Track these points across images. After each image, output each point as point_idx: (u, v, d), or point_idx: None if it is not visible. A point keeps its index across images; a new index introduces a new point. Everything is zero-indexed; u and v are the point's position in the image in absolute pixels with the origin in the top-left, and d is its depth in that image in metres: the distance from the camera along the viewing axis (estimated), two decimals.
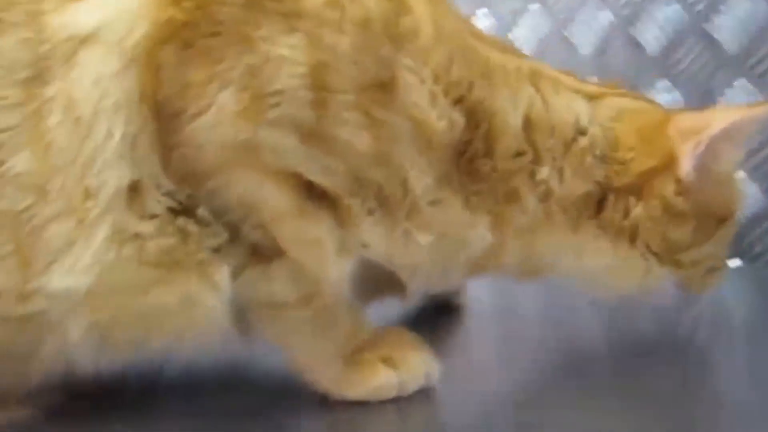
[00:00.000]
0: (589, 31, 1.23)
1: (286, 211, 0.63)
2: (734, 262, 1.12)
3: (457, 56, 0.67)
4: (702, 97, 1.13)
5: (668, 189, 0.73)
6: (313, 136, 0.61)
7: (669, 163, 0.73)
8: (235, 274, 0.64)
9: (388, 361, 0.69)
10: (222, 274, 0.64)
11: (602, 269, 0.76)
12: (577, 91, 0.74)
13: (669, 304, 0.84)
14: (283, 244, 0.64)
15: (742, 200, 0.82)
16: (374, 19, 0.63)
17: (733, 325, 0.92)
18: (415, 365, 0.69)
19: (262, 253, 0.64)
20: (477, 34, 0.72)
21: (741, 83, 1.10)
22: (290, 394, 0.69)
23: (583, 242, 0.74)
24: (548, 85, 0.72)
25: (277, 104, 0.60)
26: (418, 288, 0.74)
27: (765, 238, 1.10)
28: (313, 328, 0.67)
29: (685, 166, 0.73)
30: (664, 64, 1.17)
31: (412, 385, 0.69)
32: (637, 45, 1.19)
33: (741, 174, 1.09)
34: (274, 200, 0.63)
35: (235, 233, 0.64)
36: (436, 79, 0.65)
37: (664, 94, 1.16)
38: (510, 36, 1.31)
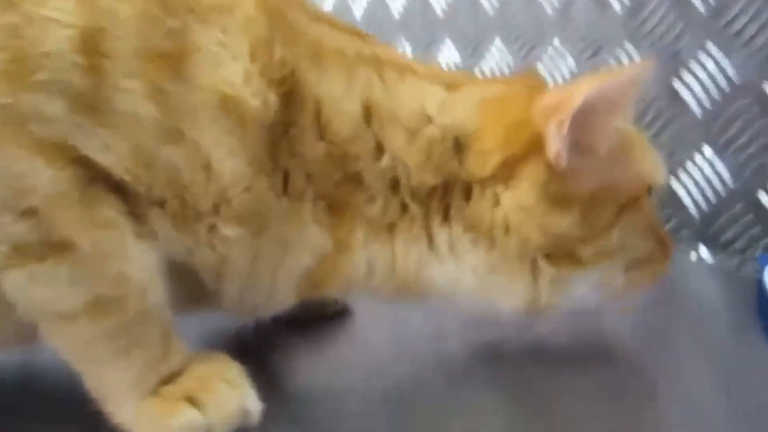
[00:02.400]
0: None
1: (63, 191, 0.55)
2: (700, 252, 1.00)
3: (282, 35, 0.61)
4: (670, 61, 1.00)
5: (539, 175, 0.65)
6: (87, 105, 0.55)
7: (537, 148, 0.65)
8: None
9: (194, 398, 0.60)
10: None
11: (481, 276, 0.67)
12: (432, 79, 0.67)
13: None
14: (68, 233, 0.55)
15: (655, 175, 0.70)
16: None
17: (695, 323, 0.83)
18: (227, 403, 0.61)
19: (30, 249, 0.56)
20: (315, 15, 0.66)
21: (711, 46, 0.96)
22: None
23: (452, 244, 0.66)
24: (393, 71, 0.65)
25: (43, 67, 0.54)
26: (238, 301, 0.64)
27: (734, 224, 0.97)
28: (112, 348, 0.58)
29: (553, 148, 0.64)
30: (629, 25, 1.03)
31: (222, 427, 0.60)
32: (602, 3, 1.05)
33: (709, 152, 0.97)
34: (47, 180, 0.54)
35: None
36: (253, 56, 0.59)
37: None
38: None
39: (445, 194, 0.66)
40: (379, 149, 0.64)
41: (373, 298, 0.69)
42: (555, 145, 0.63)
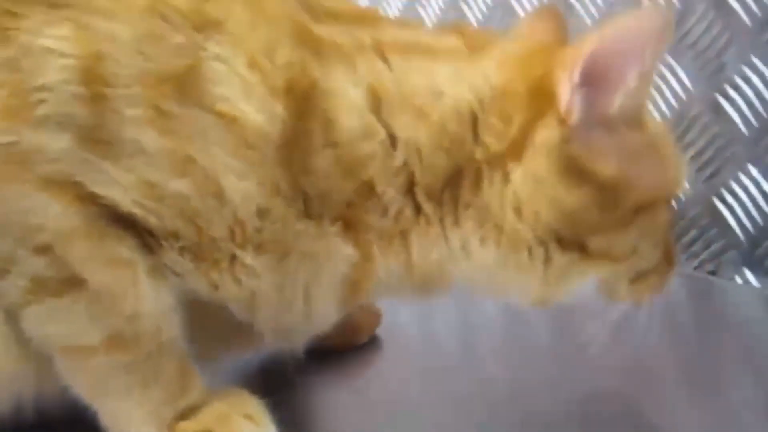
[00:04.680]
0: None
1: (73, 229, 0.54)
2: (746, 276, 0.97)
3: (283, 38, 0.58)
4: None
5: (552, 135, 0.59)
6: (91, 139, 0.54)
7: (550, 103, 0.59)
8: (13, 315, 0.56)
9: None
10: None
11: (496, 264, 0.62)
12: (443, 51, 0.62)
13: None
14: (79, 269, 0.55)
15: (675, 183, 0.65)
16: (167, 7, 0.55)
17: (742, 348, 0.81)
18: None
19: (48, 285, 0.55)
20: (321, 10, 0.61)
21: None
22: None
23: (465, 245, 0.62)
24: (397, 53, 0.61)
25: (44, 101, 0.53)
26: (275, 330, 0.62)
27: None
28: (129, 382, 0.58)
29: (564, 98, 0.58)
30: None
31: None
32: None
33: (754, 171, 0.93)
34: (55, 217, 0.54)
35: (6, 263, 0.55)
36: (253, 66, 0.56)
37: None
38: None
39: (457, 185, 0.61)
40: (392, 143, 0.59)
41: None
42: (565, 95, 0.58)
